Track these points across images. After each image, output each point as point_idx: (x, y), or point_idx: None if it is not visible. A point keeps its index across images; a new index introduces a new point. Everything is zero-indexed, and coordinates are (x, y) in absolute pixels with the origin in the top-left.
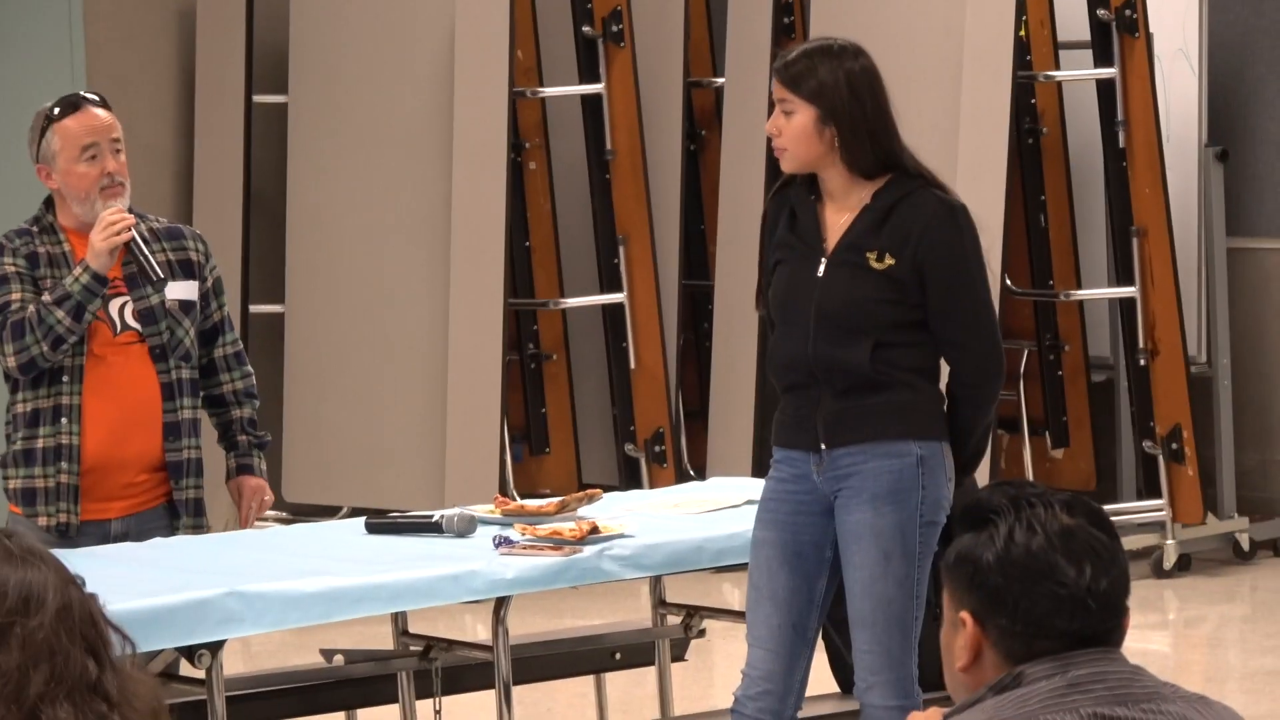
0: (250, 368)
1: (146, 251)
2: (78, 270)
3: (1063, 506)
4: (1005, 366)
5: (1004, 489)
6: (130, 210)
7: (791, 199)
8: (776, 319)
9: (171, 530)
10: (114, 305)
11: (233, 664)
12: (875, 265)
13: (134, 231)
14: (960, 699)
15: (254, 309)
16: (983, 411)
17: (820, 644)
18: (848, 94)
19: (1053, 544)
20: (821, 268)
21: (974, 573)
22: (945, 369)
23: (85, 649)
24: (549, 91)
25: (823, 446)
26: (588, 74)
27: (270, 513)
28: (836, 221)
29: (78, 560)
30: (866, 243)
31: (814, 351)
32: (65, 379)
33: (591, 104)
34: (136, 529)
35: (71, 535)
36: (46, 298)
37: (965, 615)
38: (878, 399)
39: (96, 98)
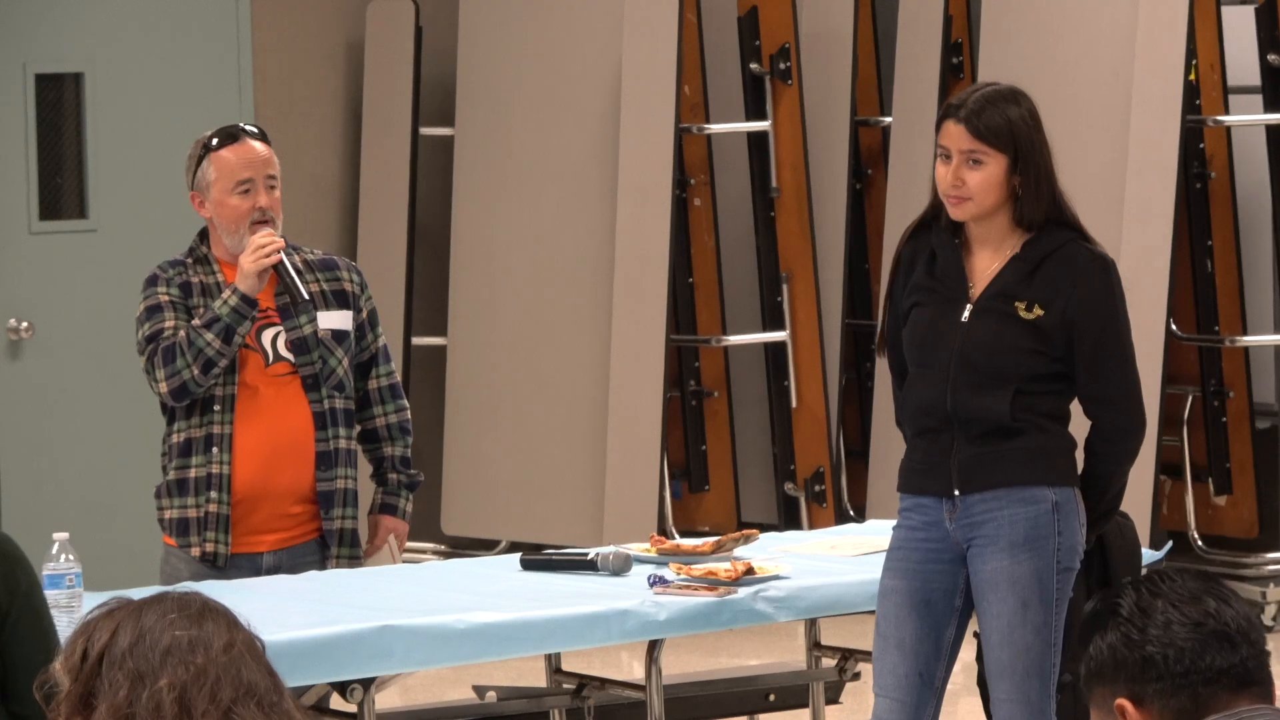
0: (405, 402)
1: (294, 275)
2: (226, 293)
3: (1174, 573)
4: (1146, 423)
5: (1107, 595)
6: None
7: (933, 243)
8: (913, 362)
9: (324, 564)
10: (266, 336)
11: (387, 697)
12: (1024, 315)
13: (283, 255)
14: None
15: (416, 341)
16: (1121, 468)
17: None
18: (1037, 140)
19: (1179, 597)
20: (966, 313)
21: (1113, 658)
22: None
23: (268, 672)
24: (715, 128)
25: (956, 493)
26: (754, 111)
27: (427, 545)
28: (984, 269)
29: (230, 590)
30: (1016, 292)
31: (953, 397)
32: (217, 408)
33: (757, 141)
34: (289, 563)
35: (221, 566)
36: (196, 321)
37: (1122, 702)
38: (1012, 444)
39: (255, 130)
